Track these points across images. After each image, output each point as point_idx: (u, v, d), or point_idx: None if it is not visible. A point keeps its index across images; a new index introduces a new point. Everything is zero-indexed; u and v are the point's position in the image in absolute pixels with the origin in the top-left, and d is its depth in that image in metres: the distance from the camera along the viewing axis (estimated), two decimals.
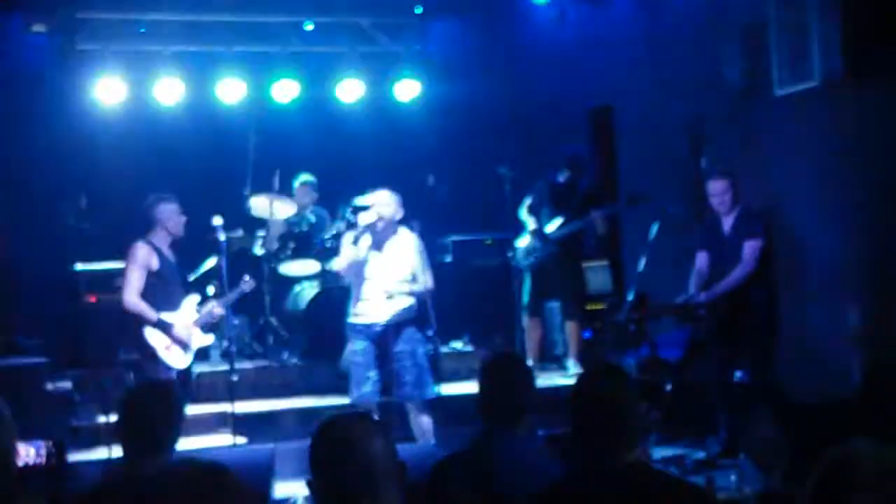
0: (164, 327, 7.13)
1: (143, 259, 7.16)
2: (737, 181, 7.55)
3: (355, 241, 7.26)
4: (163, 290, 7.21)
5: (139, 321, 7.12)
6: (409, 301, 7.27)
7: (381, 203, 7.24)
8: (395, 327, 7.22)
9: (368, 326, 7.27)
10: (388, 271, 7.23)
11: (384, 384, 7.26)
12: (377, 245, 7.26)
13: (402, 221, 7.41)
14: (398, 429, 7.39)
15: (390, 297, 7.21)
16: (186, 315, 7.31)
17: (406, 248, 7.27)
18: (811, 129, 7.54)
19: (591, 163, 9.52)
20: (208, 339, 7.55)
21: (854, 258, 7.23)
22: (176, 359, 7.19)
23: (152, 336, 7.13)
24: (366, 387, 7.23)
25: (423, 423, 7.29)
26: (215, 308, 7.50)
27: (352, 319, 7.39)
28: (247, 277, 7.89)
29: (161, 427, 3.65)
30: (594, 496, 3.03)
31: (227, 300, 7.63)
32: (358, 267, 7.28)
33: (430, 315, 7.47)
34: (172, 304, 7.26)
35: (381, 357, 7.23)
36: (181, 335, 7.19)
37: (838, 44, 7.13)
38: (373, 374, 7.24)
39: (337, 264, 7.56)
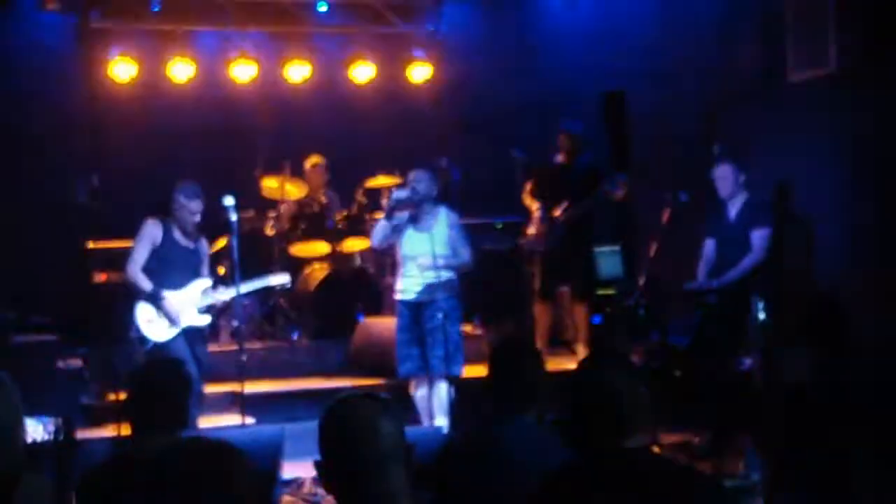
0: (155, 299, 7.20)
1: (148, 233, 7.28)
2: (742, 168, 7.57)
3: (388, 218, 7.47)
4: (160, 269, 7.26)
5: (135, 294, 7.23)
6: (447, 276, 7.40)
7: (415, 180, 7.43)
8: (431, 303, 7.40)
9: (407, 302, 7.50)
10: (424, 248, 7.36)
11: (425, 360, 7.48)
12: (414, 222, 7.46)
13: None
14: (407, 410, 7.42)
15: (424, 272, 7.37)
16: (186, 295, 7.32)
17: (441, 225, 7.44)
18: (826, 115, 7.51)
19: (587, 140, 9.42)
20: (203, 320, 7.46)
21: (866, 244, 7.21)
22: (156, 332, 7.24)
23: (141, 309, 7.23)
24: (407, 363, 7.47)
25: (443, 398, 7.43)
26: (222, 294, 7.50)
27: (396, 296, 7.65)
28: (286, 277, 8.04)
29: (170, 405, 3.66)
30: (596, 482, 3.02)
31: (250, 287, 7.65)
32: (395, 243, 7.53)
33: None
34: (172, 285, 7.28)
35: (421, 332, 7.44)
36: (170, 310, 7.23)
37: (855, 30, 7.09)
38: (415, 350, 7.45)
39: (373, 240, 7.79)
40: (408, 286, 7.52)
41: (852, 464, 2.52)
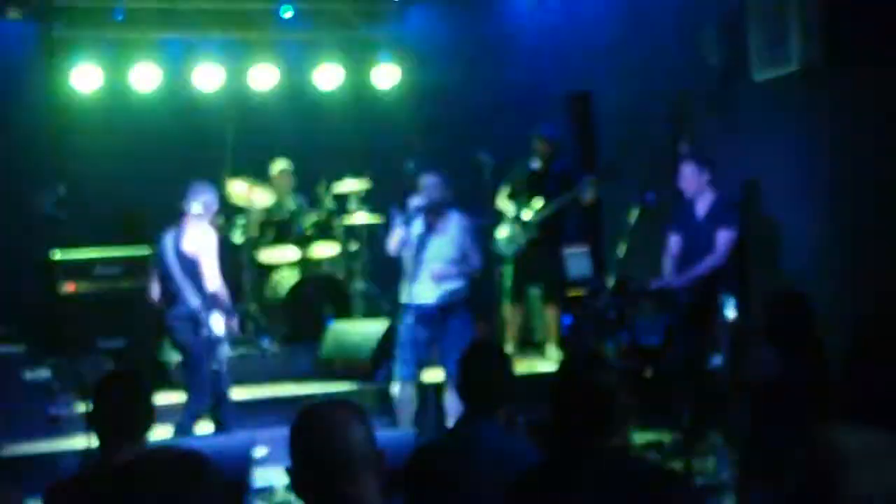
0: (233, 315, 7.32)
1: (215, 243, 7.27)
2: (707, 167, 7.61)
3: (408, 224, 7.44)
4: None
5: (210, 305, 7.15)
6: (460, 282, 7.46)
7: (429, 186, 7.44)
8: (446, 308, 7.43)
9: (418, 307, 7.47)
10: (437, 253, 7.41)
11: (423, 365, 7.55)
12: (428, 227, 7.46)
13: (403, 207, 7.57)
14: (378, 416, 7.42)
15: (438, 277, 7.38)
16: None
17: (454, 230, 7.45)
18: (790, 115, 7.55)
19: (563, 145, 9.47)
20: None
21: (830, 242, 7.26)
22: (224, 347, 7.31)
23: (217, 322, 7.17)
24: (405, 367, 7.47)
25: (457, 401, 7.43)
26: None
27: (404, 300, 7.58)
28: None
29: (134, 414, 3.63)
30: (573, 482, 3.03)
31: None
32: (409, 248, 7.49)
33: None
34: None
35: (427, 338, 7.45)
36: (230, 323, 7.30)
37: (817, 29, 7.14)
38: (411, 354, 7.45)
39: (389, 245, 7.68)
40: (420, 291, 7.47)
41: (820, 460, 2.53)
